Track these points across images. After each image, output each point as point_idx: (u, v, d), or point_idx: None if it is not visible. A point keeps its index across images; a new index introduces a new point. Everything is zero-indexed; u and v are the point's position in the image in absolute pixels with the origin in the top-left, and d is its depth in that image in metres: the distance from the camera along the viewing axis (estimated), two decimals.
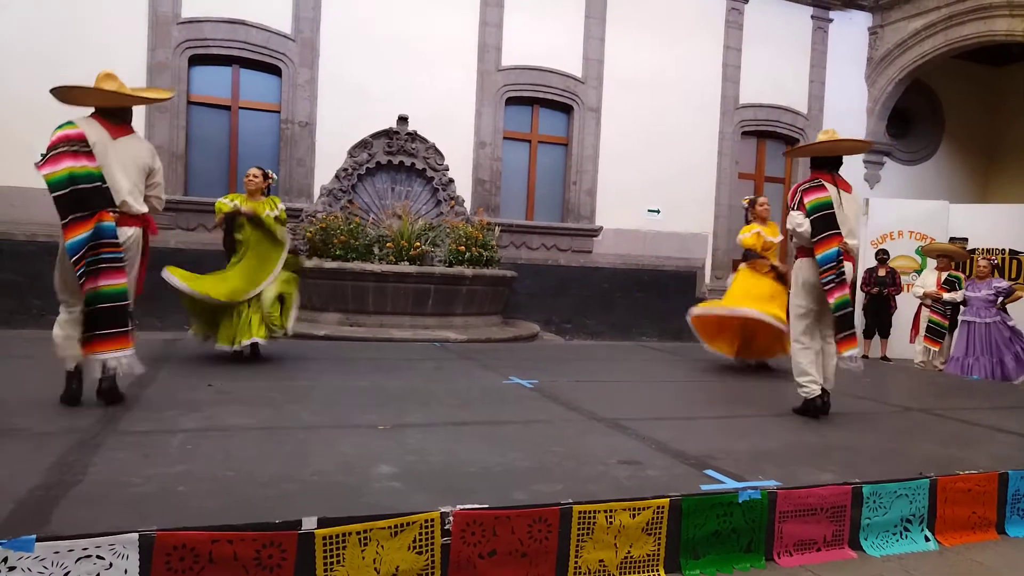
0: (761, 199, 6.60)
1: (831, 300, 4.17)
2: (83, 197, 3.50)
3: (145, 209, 3.92)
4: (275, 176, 5.82)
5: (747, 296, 6.15)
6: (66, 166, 3.49)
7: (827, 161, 4.44)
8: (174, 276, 5.15)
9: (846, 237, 4.27)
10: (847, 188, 4.43)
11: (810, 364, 4.35)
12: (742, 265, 6.51)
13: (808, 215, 4.25)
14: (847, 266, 4.26)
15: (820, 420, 4.27)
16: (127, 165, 3.76)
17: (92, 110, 3.81)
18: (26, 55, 8.05)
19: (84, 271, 3.48)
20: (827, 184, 4.30)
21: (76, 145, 3.56)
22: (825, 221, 4.21)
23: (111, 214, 3.60)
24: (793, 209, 4.36)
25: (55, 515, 2.13)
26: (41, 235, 8.15)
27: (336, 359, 5.80)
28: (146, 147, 3.99)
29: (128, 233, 3.76)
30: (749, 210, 6.57)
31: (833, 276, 4.16)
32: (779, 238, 6.50)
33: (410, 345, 7.22)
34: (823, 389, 4.37)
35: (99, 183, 3.58)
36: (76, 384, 3.70)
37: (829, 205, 4.24)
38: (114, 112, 3.81)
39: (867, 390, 5.46)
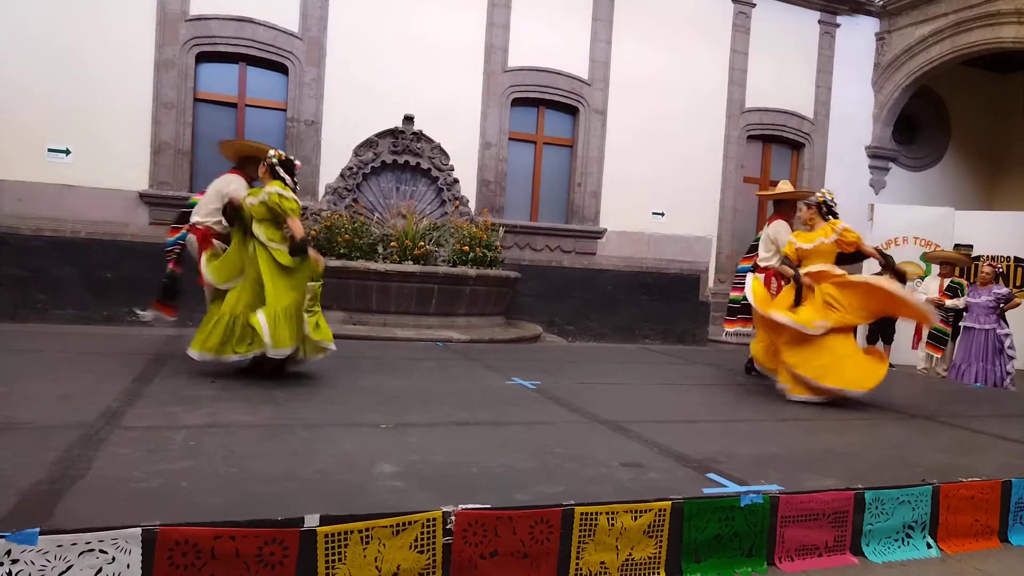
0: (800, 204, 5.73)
1: (732, 294, 6.30)
2: (183, 215, 5.33)
3: (209, 222, 5.02)
4: (281, 153, 4.71)
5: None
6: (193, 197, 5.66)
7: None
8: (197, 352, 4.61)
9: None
10: (769, 222, 6.13)
11: None
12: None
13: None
14: (750, 277, 5.67)
15: (821, 424, 4.30)
16: (208, 194, 5.08)
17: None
18: (36, 52, 8.07)
19: (173, 259, 5.30)
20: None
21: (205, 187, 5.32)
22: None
23: (185, 227, 5.18)
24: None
25: (58, 509, 2.14)
26: (47, 230, 8.19)
27: (339, 358, 5.78)
28: (222, 181, 5.04)
29: (190, 237, 5.12)
30: None
31: (741, 281, 5.90)
32: (815, 241, 5.18)
33: (413, 345, 7.22)
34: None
35: (190, 208, 5.27)
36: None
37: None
38: (239, 162, 5.16)
39: (870, 396, 5.44)
